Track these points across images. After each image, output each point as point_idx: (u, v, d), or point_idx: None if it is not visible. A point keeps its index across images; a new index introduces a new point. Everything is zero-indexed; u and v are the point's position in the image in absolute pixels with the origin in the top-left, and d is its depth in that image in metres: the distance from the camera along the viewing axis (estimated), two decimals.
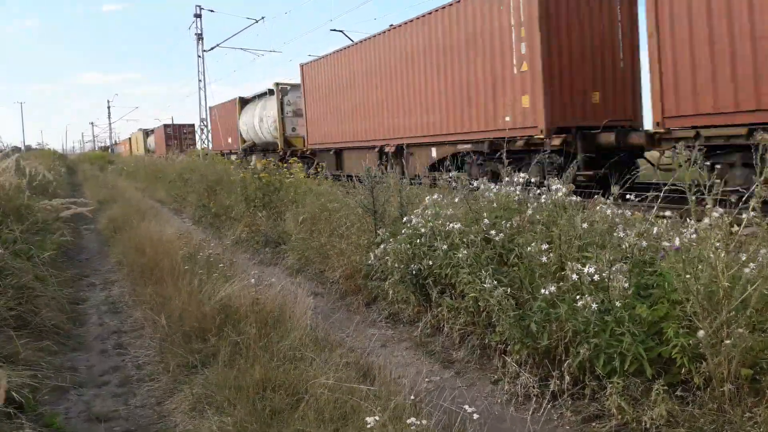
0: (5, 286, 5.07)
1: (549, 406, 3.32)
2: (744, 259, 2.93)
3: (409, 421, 2.62)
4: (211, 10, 39.03)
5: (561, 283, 3.56)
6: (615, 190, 4.13)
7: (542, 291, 3.53)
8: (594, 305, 3.15)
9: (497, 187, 5.04)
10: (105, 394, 3.91)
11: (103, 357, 4.63)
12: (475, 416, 2.87)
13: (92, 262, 8.59)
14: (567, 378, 3.35)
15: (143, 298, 5.51)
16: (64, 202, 8.33)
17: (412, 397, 3.11)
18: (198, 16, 31.63)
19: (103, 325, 5.43)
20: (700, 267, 2.97)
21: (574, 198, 4.42)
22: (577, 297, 3.28)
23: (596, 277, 3.30)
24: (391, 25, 15.08)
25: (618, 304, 3.11)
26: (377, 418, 2.65)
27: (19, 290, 5.19)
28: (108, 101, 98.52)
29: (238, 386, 3.35)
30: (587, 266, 3.36)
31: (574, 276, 3.38)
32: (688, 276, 2.97)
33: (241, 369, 3.54)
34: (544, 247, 3.84)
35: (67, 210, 7.85)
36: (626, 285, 3.15)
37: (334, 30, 28.75)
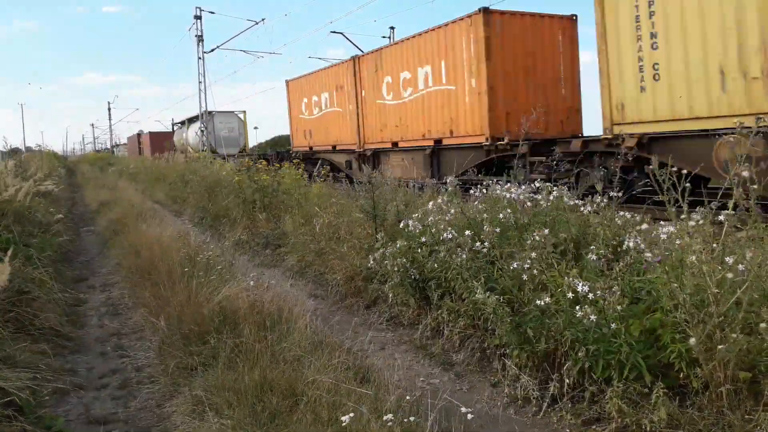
0: (4, 288, 5.05)
1: (549, 408, 3.32)
2: (731, 263, 2.92)
3: (385, 418, 2.62)
4: (212, 12, 39.11)
5: (552, 296, 3.52)
6: (597, 187, 4.24)
7: (537, 302, 3.48)
8: (593, 317, 3.11)
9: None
10: (105, 397, 3.91)
11: (103, 359, 4.63)
12: (470, 417, 2.86)
13: (92, 263, 8.58)
14: (566, 381, 3.34)
15: (142, 301, 5.51)
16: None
17: (408, 398, 3.11)
18: (198, 17, 31.54)
19: (103, 327, 5.42)
20: (685, 275, 2.96)
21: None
22: (576, 308, 3.21)
23: (591, 296, 3.21)
24: None
25: (614, 326, 3.09)
26: (352, 415, 2.67)
27: (18, 292, 5.18)
28: (108, 103, 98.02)
29: (237, 388, 3.35)
30: (580, 285, 3.27)
31: (570, 295, 3.32)
32: (674, 285, 2.97)
33: (240, 371, 3.54)
34: (526, 266, 3.77)
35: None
36: (619, 308, 3.11)
37: (334, 32, 28.85)
